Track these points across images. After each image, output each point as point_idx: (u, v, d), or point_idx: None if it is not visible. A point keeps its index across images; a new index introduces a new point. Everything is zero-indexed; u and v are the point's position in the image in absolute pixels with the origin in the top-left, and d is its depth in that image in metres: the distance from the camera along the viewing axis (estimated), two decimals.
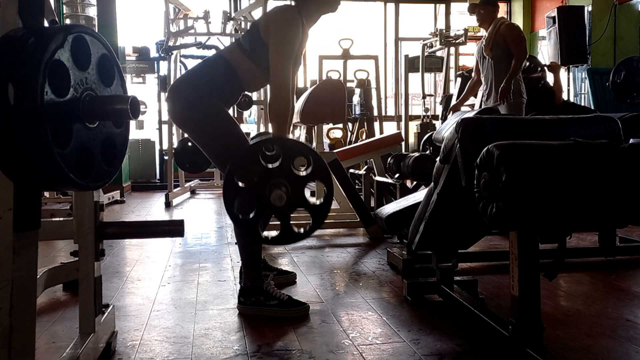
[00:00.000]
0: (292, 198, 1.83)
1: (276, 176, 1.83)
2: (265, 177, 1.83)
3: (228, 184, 1.85)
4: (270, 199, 1.81)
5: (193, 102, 2.12)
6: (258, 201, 1.84)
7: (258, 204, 1.84)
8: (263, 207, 1.84)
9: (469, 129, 1.67)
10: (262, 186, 1.83)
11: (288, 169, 1.85)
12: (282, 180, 1.83)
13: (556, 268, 1.56)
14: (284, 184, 1.83)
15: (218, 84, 2.14)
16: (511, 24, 4.47)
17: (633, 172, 1.42)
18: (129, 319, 2.08)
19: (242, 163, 1.88)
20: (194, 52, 6.60)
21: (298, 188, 1.84)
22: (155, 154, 8.10)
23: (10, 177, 1.05)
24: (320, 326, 1.98)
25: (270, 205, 1.83)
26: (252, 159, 1.86)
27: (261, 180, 1.83)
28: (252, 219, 1.85)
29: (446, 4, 9.08)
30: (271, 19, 2.15)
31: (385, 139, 4.81)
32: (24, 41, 1.02)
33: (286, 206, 1.83)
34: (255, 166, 1.85)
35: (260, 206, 1.84)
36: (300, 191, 1.84)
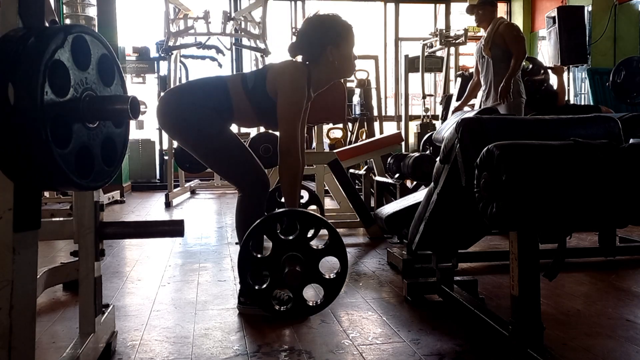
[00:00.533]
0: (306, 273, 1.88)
1: (292, 249, 1.89)
2: (281, 250, 1.88)
3: (243, 253, 1.89)
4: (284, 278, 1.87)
5: (185, 108, 2.14)
6: (272, 273, 1.89)
7: (272, 276, 1.89)
8: (277, 279, 1.89)
9: (469, 129, 1.67)
10: (277, 258, 1.88)
11: (303, 242, 1.90)
12: (297, 254, 1.88)
13: (556, 268, 1.56)
14: (299, 257, 1.88)
15: (212, 99, 2.16)
16: (510, 24, 4.48)
17: (633, 172, 1.42)
18: (129, 319, 2.08)
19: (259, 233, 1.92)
20: (194, 52, 6.60)
21: (313, 262, 1.90)
22: (155, 154, 8.10)
23: (10, 177, 1.05)
24: (320, 326, 1.98)
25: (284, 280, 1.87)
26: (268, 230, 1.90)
27: (277, 252, 1.88)
28: (265, 290, 1.90)
29: (446, 4, 9.08)
30: (279, 79, 2.14)
31: (385, 139, 4.82)
32: (24, 41, 1.02)
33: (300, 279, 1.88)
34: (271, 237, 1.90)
35: (274, 279, 1.89)
36: (315, 265, 1.91)
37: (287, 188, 2.11)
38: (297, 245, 1.92)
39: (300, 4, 8.63)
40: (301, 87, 2.13)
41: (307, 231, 1.98)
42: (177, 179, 6.46)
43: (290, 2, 8.70)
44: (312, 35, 2.20)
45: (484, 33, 4.45)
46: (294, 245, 1.92)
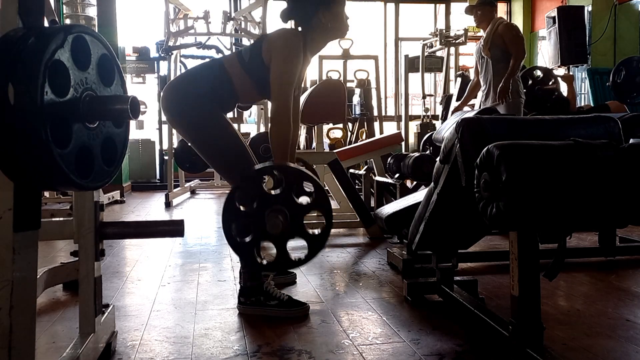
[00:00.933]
0: (290, 227, 1.85)
1: (276, 203, 1.85)
2: (265, 203, 1.85)
3: (228, 206, 1.86)
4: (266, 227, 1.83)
5: (187, 102, 2.12)
6: (255, 226, 1.86)
7: (255, 230, 1.86)
8: (260, 233, 1.86)
9: (469, 129, 1.67)
10: (261, 212, 1.85)
11: (289, 197, 1.87)
12: (281, 207, 1.85)
13: (556, 268, 1.56)
14: (283, 211, 1.85)
15: (213, 86, 2.14)
16: (509, 24, 4.48)
17: (633, 172, 1.42)
18: (129, 319, 2.08)
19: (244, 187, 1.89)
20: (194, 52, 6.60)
21: (297, 217, 1.87)
22: (155, 154, 8.11)
23: (10, 177, 1.05)
24: (320, 326, 1.98)
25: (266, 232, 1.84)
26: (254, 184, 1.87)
27: (261, 206, 1.85)
28: (248, 244, 1.87)
29: (446, 4, 9.08)
30: (274, 44, 2.12)
31: (385, 139, 4.82)
32: (24, 41, 1.02)
33: (283, 234, 1.85)
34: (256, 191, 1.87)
35: (257, 232, 1.86)
36: (299, 220, 1.87)
37: (277, 147, 2.08)
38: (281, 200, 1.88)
39: None
40: (296, 51, 2.10)
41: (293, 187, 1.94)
42: (177, 179, 6.46)
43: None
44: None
45: (484, 33, 4.45)
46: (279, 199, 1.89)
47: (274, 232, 1.83)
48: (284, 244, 1.88)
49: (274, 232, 1.83)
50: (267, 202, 1.86)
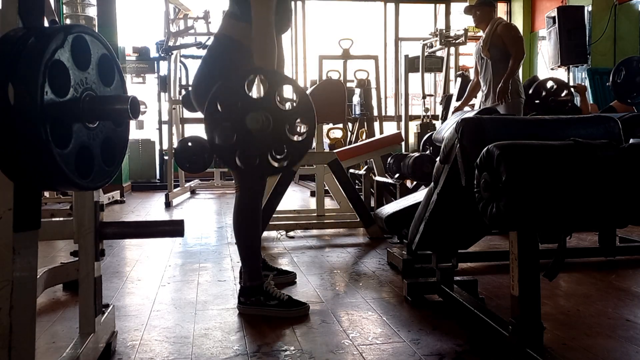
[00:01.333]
0: (273, 130, 1.76)
1: (259, 107, 1.79)
2: (247, 106, 1.77)
3: (210, 109, 1.80)
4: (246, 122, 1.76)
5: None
6: (238, 129, 1.78)
7: (238, 132, 1.78)
8: (242, 135, 1.77)
9: (469, 129, 1.67)
10: (243, 114, 1.76)
11: (271, 101, 1.80)
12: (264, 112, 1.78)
13: (556, 268, 1.56)
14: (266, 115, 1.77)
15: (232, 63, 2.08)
16: (508, 24, 4.48)
17: (633, 172, 1.42)
18: (129, 319, 2.08)
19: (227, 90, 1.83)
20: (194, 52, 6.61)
21: (280, 122, 1.79)
22: (155, 154, 8.11)
23: (10, 177, 1.05)
24: (320, 326, 1.98)
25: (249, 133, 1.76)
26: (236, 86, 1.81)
27: (243, 109, 1.78)
28: (231, 146, 1.78)
29: (446, 4, 9.08)
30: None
31: (385, 139, 4.82)
32: (24, 41, 1.02)
33: (266, 137, 1.77)
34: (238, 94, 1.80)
35: (240, 134, 1.77)
36: (282, 126, 1.78)
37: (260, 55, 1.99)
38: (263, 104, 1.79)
39: (300, 4, 8.63)
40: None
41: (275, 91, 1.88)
42: (177, 179, 6.46)
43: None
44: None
45: (483, 34, 4.45)
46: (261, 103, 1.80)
47: (254, 127, 1.74)
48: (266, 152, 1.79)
49: (253, 126, 1.74)
50: (249, 105, 1.77)
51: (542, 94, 5.52)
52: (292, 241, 3.63)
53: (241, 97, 1.80)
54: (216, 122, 1.82)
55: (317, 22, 8.89)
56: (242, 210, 2.17)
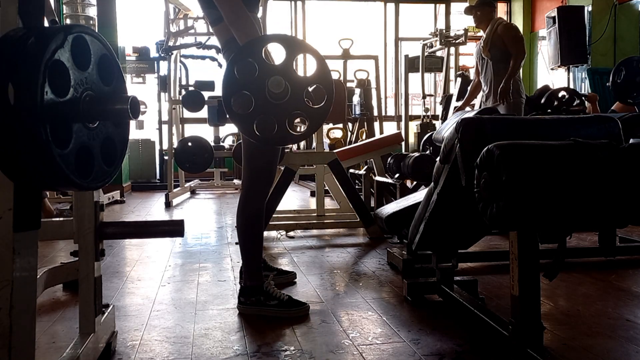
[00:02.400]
0: (291, 97, 1.75)
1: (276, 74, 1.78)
2: (266, 73, 1.76)
3: (228, 77, 1.78)
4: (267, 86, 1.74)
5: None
6: (257, 96, 1.77)
7: (256, 99, 1.77)
8: (261, 102, 1.76)
9: (469, 129, 1.67)
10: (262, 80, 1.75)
11: (289, 68, 1.79)
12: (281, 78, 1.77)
13: (556, 268, 1.56)
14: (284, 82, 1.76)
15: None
16: (508, 24, 4.48)
17: (633, 172, 1.42)
18: (129, 319, 2.08)
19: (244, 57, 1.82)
20: (194, 52, 6.61)
21: (298, 90, 1.77)
22: (155, 154, 8.11)
23: (10, 177, 1.05)
24: (320, 326, 1.98)
25: (268, 101, 1.76)
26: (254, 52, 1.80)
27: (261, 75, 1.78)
28: (249, 114, 1.77)
29: (446, 4, 9.08)
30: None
31: (385, 139, 4.82)
32: (24, 41, 1.01)
33: (284, 105, 1.76)
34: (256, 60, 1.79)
35: (259, 101, 1.76)
36: (300, 94, 1.77)
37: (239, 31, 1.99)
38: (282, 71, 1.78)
39: (300, 4, 8.63)
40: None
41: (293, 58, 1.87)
42: (177, 179, 6.46)
43: (290, 2, 8.71)
44: None
45: (484, 34, 4.45)
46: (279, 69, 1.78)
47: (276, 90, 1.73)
48: (284, 120, 1.78)
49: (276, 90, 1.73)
50: (267, 72, 1.76)
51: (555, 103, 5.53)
52: (292, 241, 3.63)
53: (259, 63, 1.78)
54: (234, 90, 1.81)
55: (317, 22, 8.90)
56: (246, 210, 2.17)
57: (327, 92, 1.81)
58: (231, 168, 7.97)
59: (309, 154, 4.02)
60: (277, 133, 1.81)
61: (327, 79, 1.82)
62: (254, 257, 2.18)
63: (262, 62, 1.78)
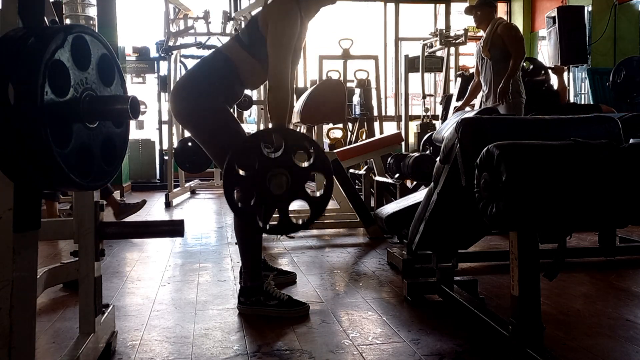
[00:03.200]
0: (292, 188, 1.82)
1: (277, 166, 1.82)
2: (266, 166, 1.82)
3: (229, 172, 1.83)
4: (270, 188, 1.80)
5: (193, 100, 2.12)
6: (258, 190, 1.82)
7: (258, 193, 1.83)
8: (263, 196, 1.82)
9: (469, 129, 1.67)
10: (263, 175, 1.81)
11: (289, 160, 1.84)
12: (283, 170, 1.82)
13: (556, 268, 1.56)
14: (285, 173, 1.81)
15: (218, 81, 2.13)
16: (508, 24, 4.48)
17: (633, 172, 1.42)
18: (129, 319, 2.08)
19: (244, 151, 1.87)
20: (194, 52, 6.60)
21: (299, 179, 1.83)
22: (155, 154, 8.10)
23: (10, 177, 1.05)
24: (320, 326, 1.98)
25: (270, 194, 1.81)
26: (253, 147, 1.85)
27: (262, 169, 1.82)
28: (251, 208, 1.84)
29: (446, 4, 9.08)
30: (269, 11, 2.12)
31: (385, 139, 4.81)
32: (24, 41, 1.02)
33: (286, 196, 1.82)
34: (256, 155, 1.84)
35: (260, 195, 1.82)
36: (301, 183, 1.83)
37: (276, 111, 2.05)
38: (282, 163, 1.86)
39: None
40: (291, 16, 2.09)
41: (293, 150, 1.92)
42: (177, 179, 6.46)
43: None
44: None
45: (484, 34, 4.45)
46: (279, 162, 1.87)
47: (278, 192, 1.79)
48: (287, 206, 1.84)
49: (277, 192, 1.79)
50: (268, 165, 1.83)
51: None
52: (292, 241, 3.63)
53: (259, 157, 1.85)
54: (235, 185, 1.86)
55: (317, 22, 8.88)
56: None
57: (327, 180, 1.89)
58: None
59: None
60: (280, 223, 1.89)
61: (327, 168, 1.89)
62: (253, 257, 2.18)
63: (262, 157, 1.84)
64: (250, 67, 2.16)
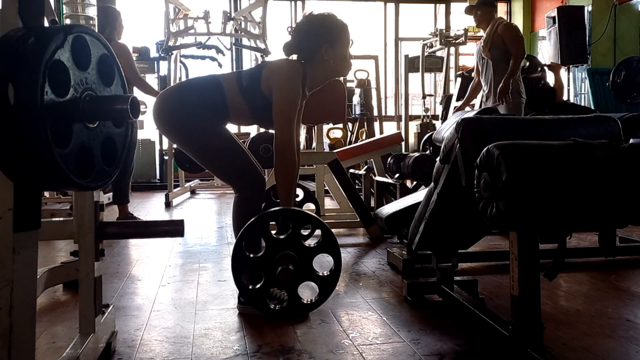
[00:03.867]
0: (300, 270, 1.88)
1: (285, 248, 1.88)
2: (274, 249, 1.88)
3: (237, 254, 1.88)
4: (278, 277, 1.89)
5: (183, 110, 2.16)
6: (266, 272, 1.89)
7: (266, 275, 1.89)
8: (271, 278, 1.91)
9: (469, 129, 1.67)
10: (271, 257, 1.87)
11: (297, 241, 1.89)
12: (290, 252, 1.88)
13: (556, 268, 1.56)
14: (293, 256, 1.88)
15: (207, 99, 2.16)
16: (509, 24, 4.48)
17: (633, 172, 1.42)
18: (129, 319, 2.08)
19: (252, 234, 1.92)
20: (194, 52, 6.60)
21: (306, 260, 1.90)
22: (155, 154, 8.11)
23: (10, 177, 1.05)
24: (320, 326, 1.98)
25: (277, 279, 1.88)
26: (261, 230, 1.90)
27: (270, 251, 1.87)
28: (259, 290, 1.90)
29: (446, 4, 9.08)
30: (274, 72, 2.14)
31: (385, 139, 4.82)
32: (24, 41, 1.01)
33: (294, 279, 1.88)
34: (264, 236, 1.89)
35: (268, 278, 1.89)
36: (309, 263, 1.91)
37: (283, 187, 2.11)
38: (290, 244, 1.91)
39: (300, 4, 8.63)
40: (296, 85, 2.13)
41: (300, 229, 1.97)
42: (177, 179, 6.46)
43: (290, 2, 8.70)
44: (308, 33, 2.20)
45: (484, 34, 4.45)
46: (287, 243, 1.91)
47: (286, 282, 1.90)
48: (295, 289, 1.94)
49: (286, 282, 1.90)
50: (276, 247, 1.89)
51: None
52: None
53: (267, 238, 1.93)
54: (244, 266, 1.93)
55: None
56: (241, 212, 2.17)
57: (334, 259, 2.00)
58: None
59: (309, 154, 4.02)
60: (289, 305, 1.97)
61: (335, 248, 1.99)
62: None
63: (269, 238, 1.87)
64: (238, 105, 2.17)
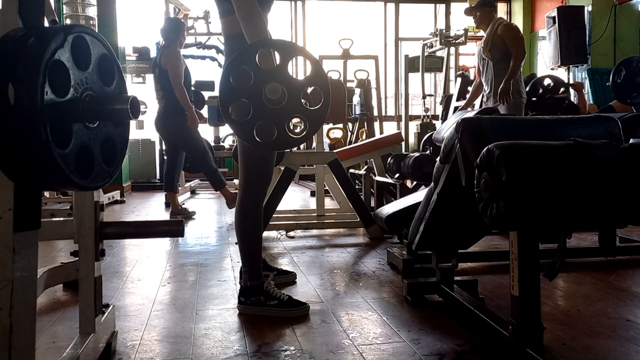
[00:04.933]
0: (288, 102, 1.77)
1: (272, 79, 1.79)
2: (262, 79, 1.78)
3: (224, 85, 1.80)
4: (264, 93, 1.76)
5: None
6: (254, 103, 1.79)
7: (254, 106, 1.79)
8: (259, 108, 1.78)
9: (469, 129, 1.67)
10: (259, 88, 1.77)
11: (284, 72, 1.80)
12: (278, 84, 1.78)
13: (556, 268, 1.56)
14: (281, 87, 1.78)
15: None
16: (509, 24, 4.48)
17: (633, 172, 1.42)
18: (129, 319, 2.08)
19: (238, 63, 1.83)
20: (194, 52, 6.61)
21: (295, 93, 1.80)
22: (155, 154, 8.11)
23: (10, 177, 1.05)
24: (320, 326, 1.98)
25: (265, 107, 1.77)
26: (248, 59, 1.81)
27: (257, 82, 1.79)
28: (248, 121, 1.79)
29: (446, 4, 9.08)
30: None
31: (385, 139, 4.82)
32: (24, 41, 1.01)
33: (281, 108, 1.78)
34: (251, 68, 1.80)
35: (257, 108, 1.78)
36: (297, 97, 1.79)
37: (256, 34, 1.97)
38: (277, 75, 1.79)
39: (300, 4, 8.63)
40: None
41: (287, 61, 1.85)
42: None
43: (290, 2, 8.71)
44: None
45: (484, 34, 4.46)
46: (274, 74, 1.80)
47: (273, 97, 1.75)
48: (283, 122, 1.80)
49: (272, 97, 1.75)
50: (263, 78, 1.78)
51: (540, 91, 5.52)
52: (292, 241, 3.63)
53: (254, 70, 1.79)
54: (231, 98, 1.82)
55: (317, 22, 8.90)
56: (244, 210, 2.17)
57: (324, 93, 1.82)
58: (231, 168, 7.97)
59: (309, 154, 4.02)
60: (277, 138, 1.82)
61: (323, 80, 1.83)
62: (253, 257, 2.18)
63: (257, 69, 1.79)
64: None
